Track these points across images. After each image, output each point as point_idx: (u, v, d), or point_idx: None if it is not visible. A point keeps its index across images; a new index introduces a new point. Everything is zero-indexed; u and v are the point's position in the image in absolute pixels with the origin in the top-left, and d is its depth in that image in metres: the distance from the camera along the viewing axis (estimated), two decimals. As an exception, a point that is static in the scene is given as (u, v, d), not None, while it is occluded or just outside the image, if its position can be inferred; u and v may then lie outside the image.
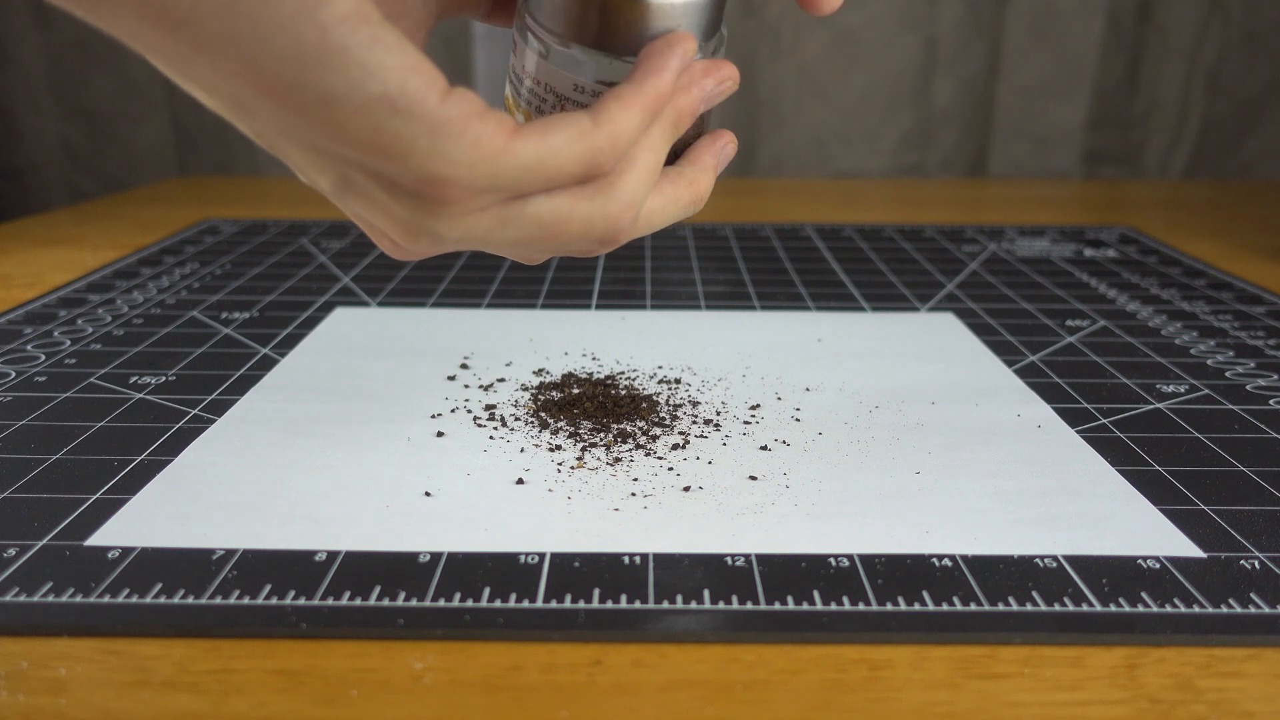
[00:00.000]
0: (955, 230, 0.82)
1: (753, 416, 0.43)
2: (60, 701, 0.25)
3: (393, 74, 0.23)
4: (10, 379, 0.46)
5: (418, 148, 0.24)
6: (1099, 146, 1.14)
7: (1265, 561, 0.32)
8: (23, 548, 0.32)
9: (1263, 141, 1.13)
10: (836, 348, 0.52)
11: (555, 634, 0.28)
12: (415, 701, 0.26)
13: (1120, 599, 0.29)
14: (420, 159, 0.24)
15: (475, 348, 0.51)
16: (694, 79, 0.30)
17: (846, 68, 1.10)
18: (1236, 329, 0.55)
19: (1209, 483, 0.37)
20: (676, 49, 0.28)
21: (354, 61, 0.23)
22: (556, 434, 0.40)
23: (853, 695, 0.26)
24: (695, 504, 0.35)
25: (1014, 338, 0.54)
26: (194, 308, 0.58)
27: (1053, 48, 1.09)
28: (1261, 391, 0.46)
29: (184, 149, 1.14)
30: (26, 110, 1.11)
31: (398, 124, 0.24)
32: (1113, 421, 0.42)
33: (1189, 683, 0.26)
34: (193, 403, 0.43)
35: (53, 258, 0.70)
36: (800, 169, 1.14)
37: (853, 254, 0.73)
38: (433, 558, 0.31)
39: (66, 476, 0.36)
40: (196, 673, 0.26)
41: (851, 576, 0.30)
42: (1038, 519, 0.34)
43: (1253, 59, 1.09)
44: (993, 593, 0.30)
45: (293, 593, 0.29)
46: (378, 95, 0.23)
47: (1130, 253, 0.75)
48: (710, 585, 0.30)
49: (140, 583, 0.30)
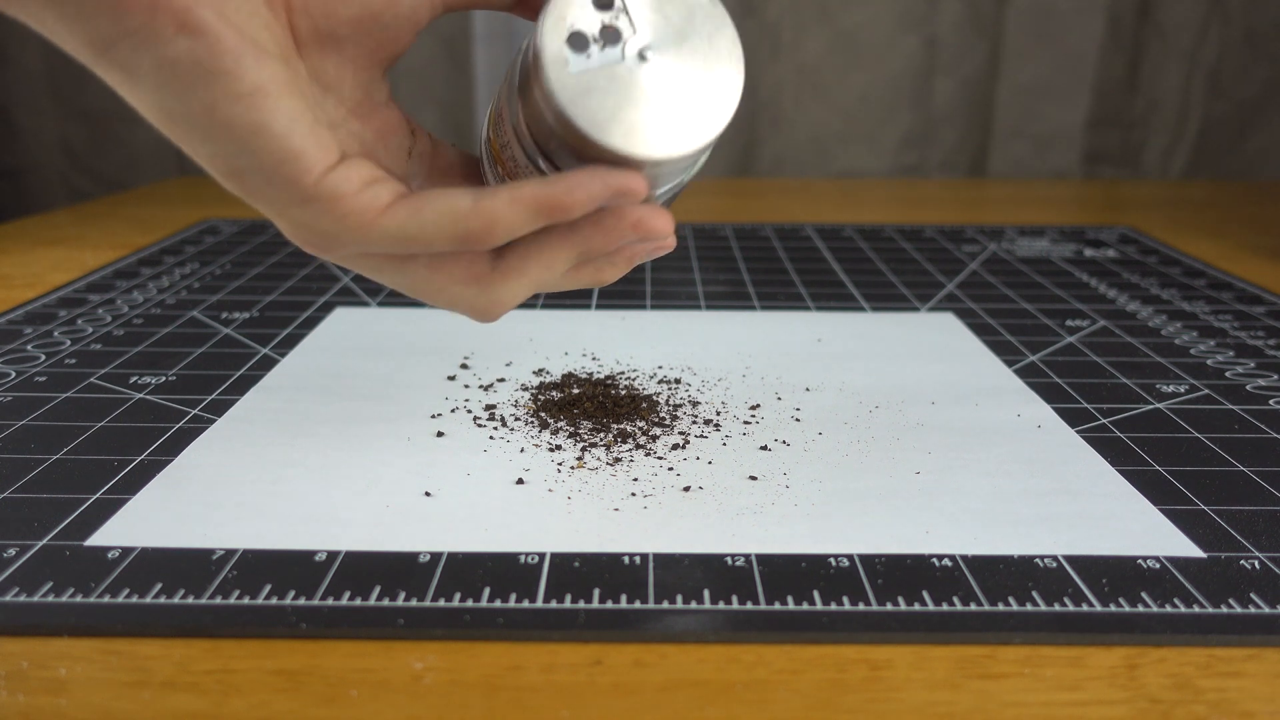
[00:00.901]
0: (955, 230, 0.82)
1: (753, 416, 0.43)
2: (60, 701, 0.25)
3: (276, 148, 0.27)
4: (10, 379, 0.46)
5: (290, 212, 0.28)
6: (1099, 146, 1.14)
7: (1265, 561, 0.32)
8: (23, 548, 0.32)
9: (1262, 141, 1.13)
10: (836, 348, 0.52)
11: (555, 634, 0.28)
12: (415, 701, 0.26)
13: (1120, 599, 0.29)
14: (294, 217, 0.28)
15: (475, 348, 0.51)
16: (619, 225, 0.30)
17: (846, 68, 1.10)
18: (1236, 329, 0.55)
19: (1209, 483, 0.37)
20: (604, 180, 0.29)
21: (247, 133, 0.26)
22: (556, 434, 0.40)
23: (853, 695, 0.26)
24: (695, 504, 0.35)
25: (1014, 338, 0.54)
26: (194, 308, 0.58)
27: (1053, 48, 1.09)
28: (1261, 391, 0.46)
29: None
30: (26, 110, 1.11)
31: (273, 191, 0.28)
32: (1113, 421, 0.42)
33: (1189, 682, 0.26)
34: (193, 403, 0.43)
35: (53, 258, 0.70)
36: (800, 169, 1.14)
37: (853, 254, 0.73)
38: (433, 558, 0.31)
39: (66, 476, 0.36)
40: (196, 673, 0.26)
41: (851, 576, 0.30)
42: (1038, 519, 0.34)
43: (1253, 59, 1.09)
44: (993, 593, 0.30)
45: (293, 593, 0.29)
46: (260, 165, 0.27)
47: (1130, 253, 0.75)
48: (710, 585, 0.30)
49: (140, 583, 0.30)
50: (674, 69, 0.30)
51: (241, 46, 0.26)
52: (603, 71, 0.29)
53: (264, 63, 0.26)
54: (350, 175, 0.28)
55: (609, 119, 0.29)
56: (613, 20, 0.30)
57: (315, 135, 0.27)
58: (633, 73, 0.30)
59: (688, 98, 0.30)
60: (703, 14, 0.31)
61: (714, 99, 0.30)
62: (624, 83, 0.29)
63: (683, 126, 0.30)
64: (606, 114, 0.29)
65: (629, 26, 0.30)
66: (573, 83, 0.29)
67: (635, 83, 0.30)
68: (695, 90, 0.30)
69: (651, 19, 0.30)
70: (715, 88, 0.30)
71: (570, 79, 0.29)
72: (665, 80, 0.30)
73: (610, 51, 0.30)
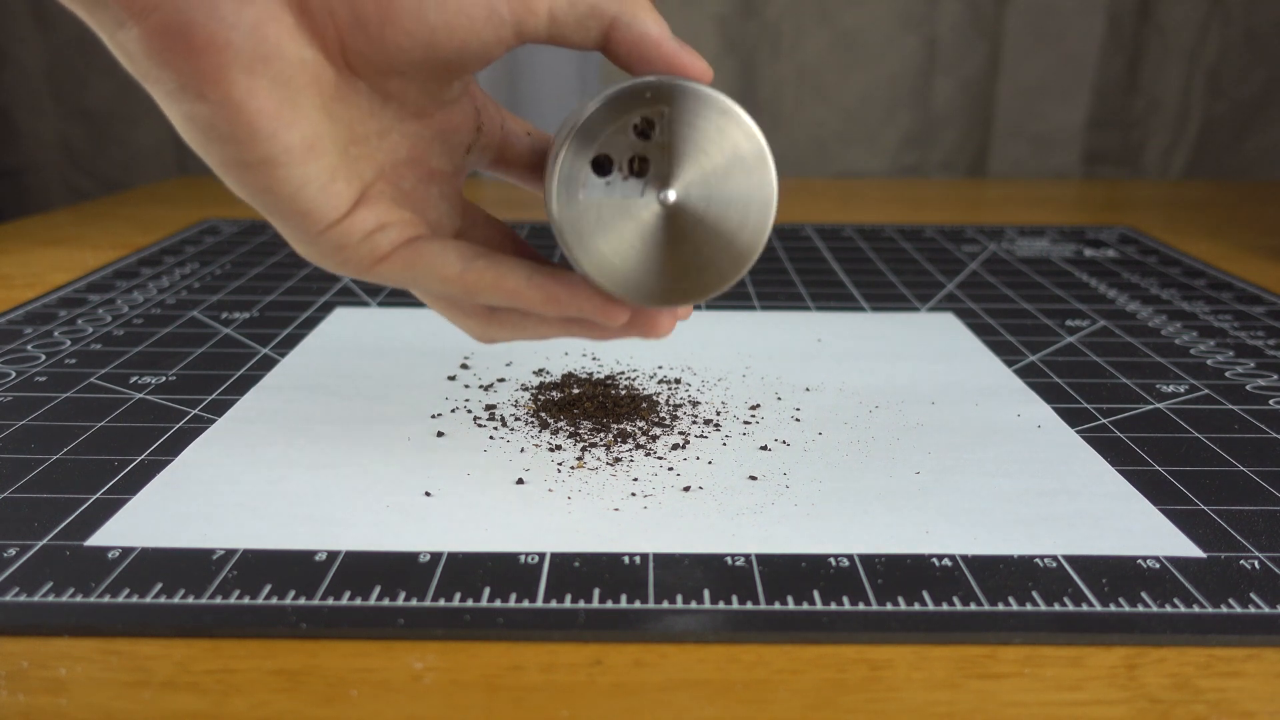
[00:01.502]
0: (955, 230, 0.82)
1: (753, 416, 0.43)
2: (60, 701, 0.25)
3: (282, 206, 0.28)
4: (10, 379, 0.46)
5: (302, 244, 0.30)
6: (1099, 146, 1.14)
7: (1265, 561, 0.32)
8: (23, 548, 0.32)
9: (1262, 141, 1.13)
10: (836, 348, 0.52)
11: (555, 634, 0.28)
12: (415, 701, 0.26)
13: (1120, 599, 0.29)
14: (298, 248, 0.30)
15: (475, 348, 0.50)
16: (608, 331, 0.32)
17: (846, 68, 1.10)
18: (1236, 329, 0.55)
19: (1209, 483, 0.37)
20: (580, 305, 0.31)
21: (256, 189, 0.28)
22: (556, 434, 0.40)
23: (853, 695, 0.26)
24: (695, 504, 0.35)
25: (1014, 338, 0.54)
26: (194, 308, 0.58)
27: (1053, 48, 1.09)
28: (1261, 391, 0.46)
29: (184, 149, 1.14)
30: (26, 110, 1.11)
31: (280, 225, 0.29)
32: (1112, 421, 0.42)
33: (1189, 682, 0.26)
34: (193, 403, 0.43)
35: (53, 258, 0.70)
36: (800, 169, 1.14)
37: (853, 254, 0.73)
38: (433, 558, 0.31)
39: (67, 476, 0.36)
40: (196, 672, 0.26)
41: (851, 576, 0.30)
42: (1038, 519, 0.34)
43: (1253, 59, 1.09)
44: (993, 592, 0.30)
45: (293, 593, 0.29)
46: (266, 208, 0.29)
47: (1130, 253, 0.75)
48: (710, 585, 0.30)
49: (140, 582, 0.30)
50: (688, 224, 0.29)
51: (262, 116, 0.26)
52: (611, 203, 0.28)
53: (288, 128, 0.26)
54: (355, 227, 0.29)
55: (596, 247, 0.28)
56: (645, 151, 0.28)
57: (326, 193, 0.28)
58: (641, 214, 0.28)
59: (688, 257, 0.29)
60: (743, 170, 0.29)
61: (714, 266, 0.29)
62: (628, 218, 0.28)
63: (672, 281, 0.29)
64: (596, 241, 0.28)
65: (662, 160, 0.28)
66: (578, 204, 0.28)
67: (640, 222, 0.28)
68: (699, 252, 0.29)
69: (689, 160, 0.28)
70: (721, 256, 0.29)
71: (578, 201, 0.28)
72: (673, 232, 0.29)
73: (631, 184, 0.28)
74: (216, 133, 0.26)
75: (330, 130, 0.28)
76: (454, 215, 0.33)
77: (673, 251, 0.29)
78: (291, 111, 0.27)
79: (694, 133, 0.28)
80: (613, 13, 0.29)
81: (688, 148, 0.28)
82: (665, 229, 0.29)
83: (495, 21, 0.28)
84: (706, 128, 0.28)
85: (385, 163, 0.30)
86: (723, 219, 0.29)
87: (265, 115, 0.26)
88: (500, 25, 0.28)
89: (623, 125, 0.28)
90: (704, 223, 0.29)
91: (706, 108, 0.28)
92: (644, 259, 0.29)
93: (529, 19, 0.28)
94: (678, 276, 0.30)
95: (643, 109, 0.28)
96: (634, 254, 0.29)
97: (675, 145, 0.28)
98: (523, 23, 0.28)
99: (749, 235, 0.29)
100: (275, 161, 0.27)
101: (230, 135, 0.26)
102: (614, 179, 0.28)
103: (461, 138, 0.32)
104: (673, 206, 0.29)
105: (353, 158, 0.29)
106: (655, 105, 0.28)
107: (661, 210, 0.29)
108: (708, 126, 0.28)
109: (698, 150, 0.28)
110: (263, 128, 0.26)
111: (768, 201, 0.29)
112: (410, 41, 0.27)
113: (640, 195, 0.29)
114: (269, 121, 0.26)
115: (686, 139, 0.28)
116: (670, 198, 0.28)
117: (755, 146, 0.29)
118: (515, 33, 0.28)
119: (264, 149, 0.26)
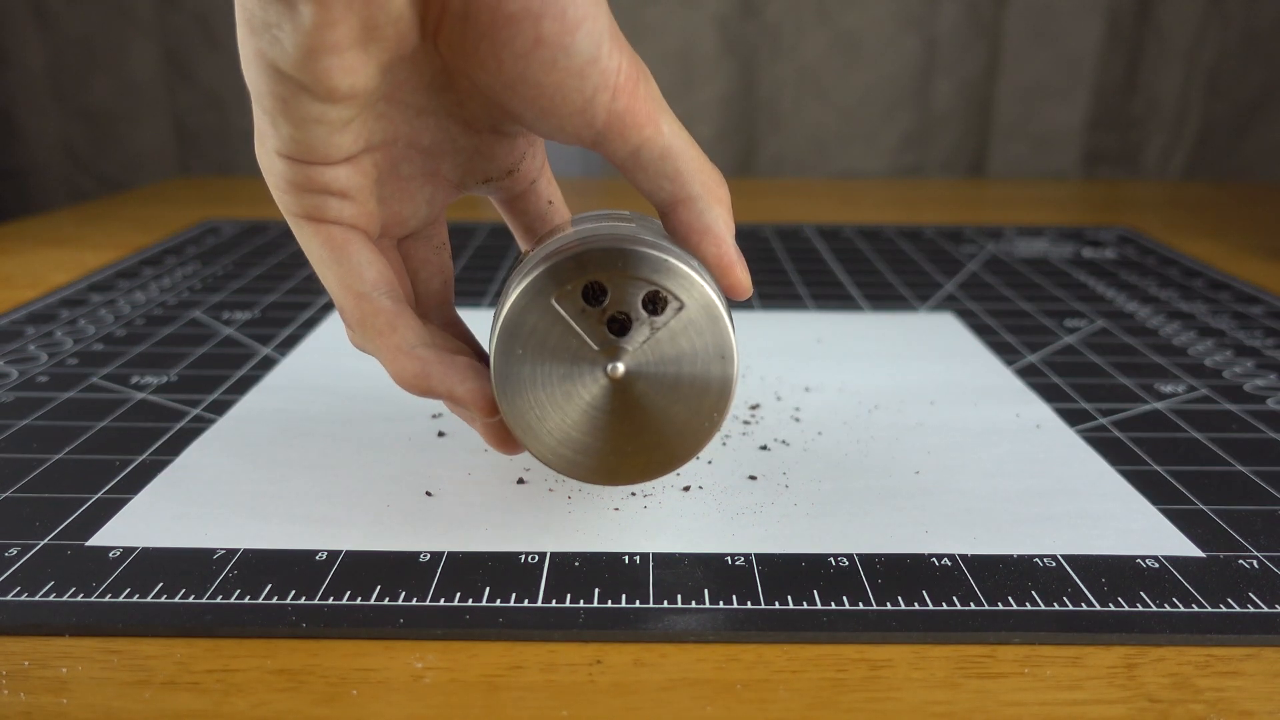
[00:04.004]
0: (954, 231, 0.82)
1: (753, 416, 0.43)
2: (61, 701, 0.25)
3: (335, 285, 0.29)
4: (12, 379, 0.46)
5: (338, 306, 0.30)
6: (1098, 147, 1.14)
7: (1264, 561, 0.32)
8: (24, 547, 0.32)
9: (1261, 142, 1.13)
10: (836, 348, 0.52)
11: (555, 633, 0.28)
12: (415, 701, 0.26)
13: (1119, 598, 0.29)
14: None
15: (475, 348, 0.51)
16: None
17: (846, 68, 1.10)
18: (1235, 329, 0.55)
19: (1208, 482, 0.37)
20: (482, 427, 0.31)
21: (331, 266, 0.29)
22: (557, 434, 0.40)
23: (852, 695, 0.26)
24: (695, 504, 0.35)
25: (1013, 338, 0.54)
26: (195, 308, 0.58)
27: (1052, 48, 1.09)
28: (1260, 391, 0.46)
29: (185, 149, 1.14)
30: (27, 110, 1.11)
31: (328, 280, 0.30)
32: (1111, 421, 0.43)
33: (1187, 682, 0.27)
34: (194, 403, 0.43)
35: (54, 258, 0.70)
36: (800, 169, 1.14)
37: (852, 254, 0.74)
38: (433, 557, 0.31)
39: (68, 476, 0.36)
40: (197, 672, 0.26)
41: (851, 576, 0.30)
42: (1037, 519, 0.34)
43: (1251, 60, 1.09)
44: (992, 592, 0.30)
45: (293, 592, 0.29)
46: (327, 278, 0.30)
47: (1129, 253, 0.75)
48: (710, 585, 0.30)
49: (141, 582, 0.30)
50: (632, 408, 0.28)
51: (334, 244, 0.29)
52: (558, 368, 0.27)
53: (343, 63, 0.25)
54: (378, 308, 0.30)
55: (517, 406, 0.27)
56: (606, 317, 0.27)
57: (361, 267, 0.29)
58: (587, 384, 0.27)
59: (622, 441, 0.28)
60: (702, 377, 0.27)
61: (645, 461, 0.28)
62: (572, 384, 0.27)
63: (590, 457, 0.28)
64: (521, 400, 0.27)
65: (629, 330, 0.27)
66: (516, 362, 0.27)
67: (576, 391, 0.27)
68: (636, 440, 0.28)
69: (652, 342, 0.27)
70: (656, 452, 0.28)
71: (516, 360, 0.27)
72: (611, 413, 0.27)
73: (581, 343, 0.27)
74: (311, 243, 0.29)
75: (377, 84, 0.26)
76: (418, 222, 0.31)
77: (597, 429, 0.28)
78: (361, 54, 0.25)
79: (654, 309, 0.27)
80: (691, 193, 0.28)
81: (667, 321, 0.27)
82: (595, 405, 0.28)
83: (582, 122, 0.27)
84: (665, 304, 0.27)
85: (401, 137, 0.29)
86: (666, 418, 0.28)
87: (346, 239, 0.29)
88: (585, 128, 0.27)
89: (576, 287, 0.27)
90: (646, 413, 0.28)
91: (659, 274, 0.26)
92: (555, 421, 0.28)
93: (614, 142, 0.27)
94: (593, 455, 0.28)
95: (596, 276, 0.26)
96: (551, 413, 0.28)
97: (648, 315, 0.27)
98: (606, 141, 0.27)
99: (689, 438, 0.28)
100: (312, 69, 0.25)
101: (306, 242, 0.29)
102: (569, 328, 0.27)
103: (490, 168, 0.31)
104: (616, 387, 0.27)
105: (378, 113, 0.27)
106: (606, 273, 0.26)
107: (608, 384, 0.27)
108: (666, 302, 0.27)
109: (672, 333, 0.27)
110: (342, 246, 0.29)
111: (720, 402, 0.28)
112: (495, 71, 0.26)
113: (589, 362, 0.27)
114: (347, 246, 0.29)
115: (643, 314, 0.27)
116: (616, 371, 0.27)
117: (707, 302, 0.27)
118: (595, 142, 0.27)
119: (314, 65, 0.25)
